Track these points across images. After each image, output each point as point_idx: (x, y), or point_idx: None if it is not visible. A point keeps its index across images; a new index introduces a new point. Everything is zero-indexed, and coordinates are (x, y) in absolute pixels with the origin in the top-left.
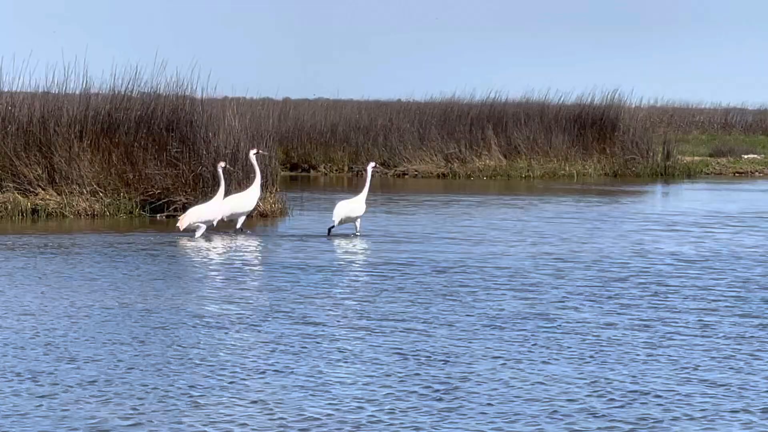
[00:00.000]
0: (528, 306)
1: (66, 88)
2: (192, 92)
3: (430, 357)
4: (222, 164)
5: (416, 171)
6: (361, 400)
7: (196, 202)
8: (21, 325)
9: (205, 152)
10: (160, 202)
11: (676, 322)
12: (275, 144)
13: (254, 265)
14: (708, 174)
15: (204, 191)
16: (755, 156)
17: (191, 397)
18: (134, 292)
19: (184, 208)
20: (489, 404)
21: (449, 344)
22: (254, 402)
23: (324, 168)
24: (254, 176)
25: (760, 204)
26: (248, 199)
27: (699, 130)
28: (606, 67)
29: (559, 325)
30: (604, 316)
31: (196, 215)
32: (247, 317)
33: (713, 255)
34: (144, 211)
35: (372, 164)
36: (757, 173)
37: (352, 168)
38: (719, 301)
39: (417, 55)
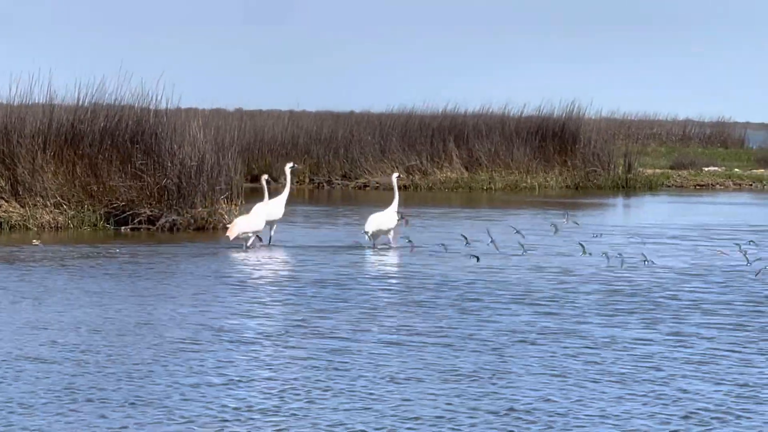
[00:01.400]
0: (554, 321)
1: (29, 99)
2: (157, 104)
3: (473, 376)
4: (265, 176)
5: (378, 183)
6: (417, 421)
7: (161, 214)
8: (54, 336)
9: (170, 164)
10: (125, 214)
11: (710, 338)
12: (237, 155)
13: (267, 280)
14: (669, 186)
15: (169, 203)
16: (716, 168)
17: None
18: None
19: (149, 221)
20: (550, 427)
21: (487, 362)
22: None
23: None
24: (284, 188)
25: (730, 216)
26: (278, 207)
27: (657, 143)
28: (563, 78)
29: (594, 342)
30: (633, 331)
31: (244, 225)
32: (278, 334)
33: (707, 268)
34: (108, 224)
35: (396, 174)
36: (718, 186)
37: (313, 180)
38: (743, 316)
39: (374, 66)
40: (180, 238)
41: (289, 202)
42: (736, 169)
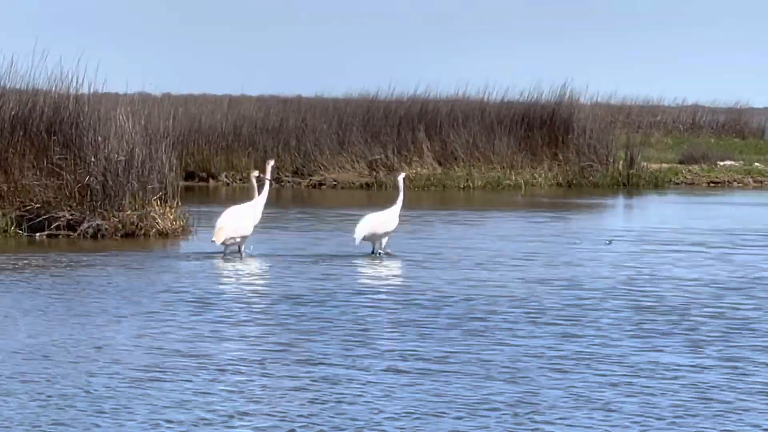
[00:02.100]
0: (578, 344)
1: None
2: (77, 87)
3: (503, 410)
4: (255, 173)
5: (335, 181)
6: None
7: (83, 218)
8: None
9: (93, 159)
10: (40, 218)
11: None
12: (172, 149)
13: (232, 295)
14: (678, 184)
15: (92, 205)
16: (732, 163)
17: None
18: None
19: (69, 226)
20: None
21: (515, 393)
22: None
23: (226, 177)
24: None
25: (755, 219)
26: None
27: (662, 132)
28: (553, 57)
29: (633, 369)
30: (676, 356)
31: (232, 229)
32: (257, 360)
33: (744, 281)
34: (20, 230)
35: (402, 174)
36: (735, 183)
37: (258, 177)
38: None
39: (334, 46)
40: (106, 246)
41: (233, 202)
42: (757, 164)
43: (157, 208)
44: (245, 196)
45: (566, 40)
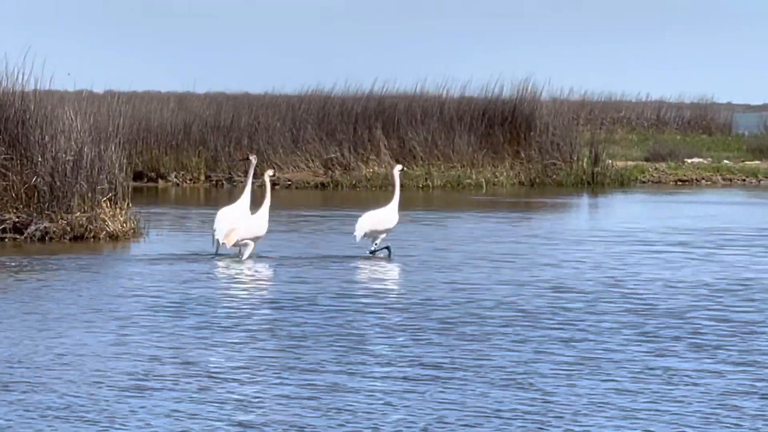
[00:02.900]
0: (583, 348)
1: None
2: (23, 84)
3: (524, 418)
4: (270, 172)
5: (289, 180)
6: None
7: (30, 221)
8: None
9: (40, 159)
10: None
11: None
12: (122, 148)
13: (210, 300)
14: (645, 182)
15: (40, 207)
16: (700, 160)
17: None
18: None
19: (15, 229)
20: None
21: (531, 401)
22: None
23: (175, 177)
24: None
25: (732, 218)
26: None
27: (626, 129)
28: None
29: (652, 375)
30: (692, 362)
31: (244, 231)
32: (251, 368)
33: (738, 282)
34: None
35: (399, 167)
36: (704, 181)
37: (209, 177)
38: None
39: (288, 42)
40: (55, 249)
41: (183, 204)
42: (726, 161)
43: (106, 209)
44: (195, 196)
45: (527, 33)
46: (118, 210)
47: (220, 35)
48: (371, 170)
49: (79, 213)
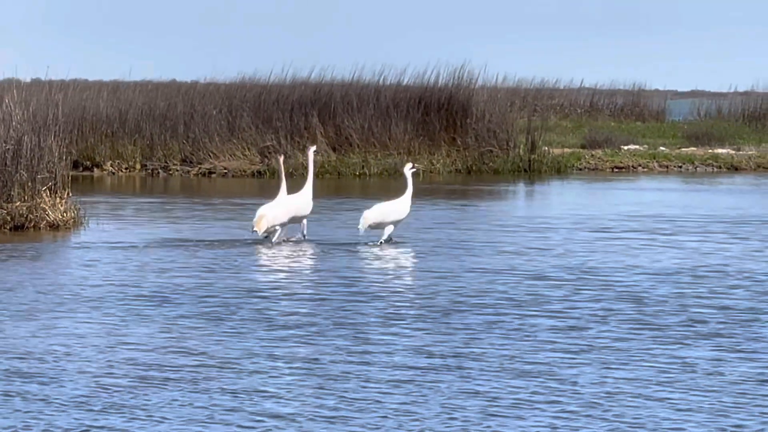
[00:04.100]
0: (595, 337)
1: None
2: None
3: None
4: (314, 148)
5: (225, 169)
6: None
7: None
8: None
9: None
10: None
11: None
12: (63, 137)
13: (182, 290)
14: (581, 169)
15: None
16: (637, 147)
17: None
18: None
19: None
20: None
21: (547, 389)
22: None
23: (111, 166)
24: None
25: (678, 204)
26: (306, 201)
27: (559, 115)
28: (449, 39)
29: (666, 364)
30: (698, 350)
31: (272, 217)
32: (258, 361)
33: (698, 267)
34: None
35: (409, 165)
36: (640, 168)
37: (145, 166)
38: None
39: (222, 28)
40: None
41: (119, 193)
42: (662, 148)
43: (47, 199)
44: (131, 185)
45: (463, 20)
46: (58, 199)
47: (155, 23)
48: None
49: (19, 202)
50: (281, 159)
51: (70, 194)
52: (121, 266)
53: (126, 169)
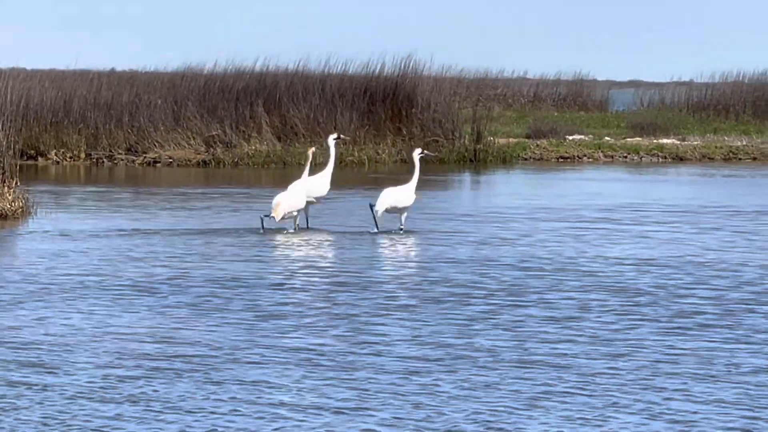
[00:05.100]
0: (594, 329)
1: None
2: None
3: (554, 398)
4: (334, 135)
5: (170, 158)
6: None
7: None
8: None
9: None
10: None
11: None
12: (11, 126)
13: (160, 279)
14: (527, 159)
15: None
16: (582, 137)
17: None
18: None
19: None
20: None
21: (561, 381)
22: None
23: (56, 155)
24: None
25: (628, 193)
26: (323, 184)
27: (503, 106)
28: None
29: (666, 354)
30: (699, 341)
31: (288, 204)
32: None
33: (672, 257)
34: None
35: (418, 151)
36: (585, 158)
37: (90, 155)
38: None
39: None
40: None
41: (64, 182)
42: (607, 138)
43: None
44: (76, 174)
45: (410, 9)
46: (6, 188)
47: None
48: (253, 148)
49: None
50: (311, 151)
51: (18, 183)
52: (84, 255)
53: (71, 158)
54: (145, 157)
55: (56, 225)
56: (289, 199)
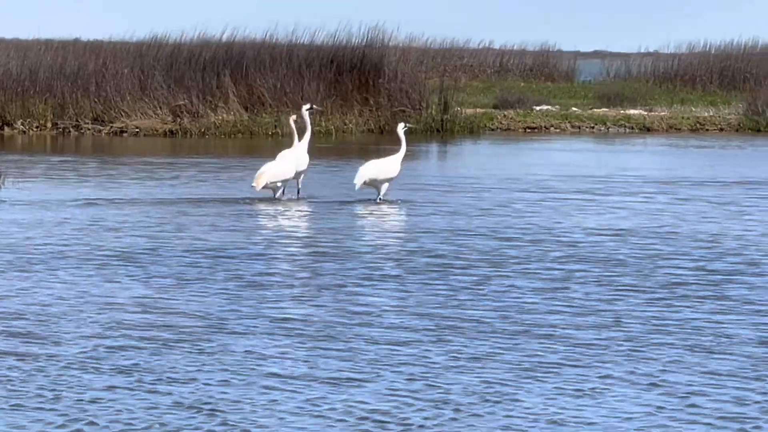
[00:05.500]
0: (579, 300)
1: None
2: None
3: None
4: (307, 106)
5: (137, 128)
6: None
7: None
8: None
9: None
10: None
11: None
12: None
13: (138, 250)
14: (494, 130)
15: None
16: (549, 107)
17: None
18: None
19: None
20: None
21: (556, 352)
22: None
23: (22, 125)
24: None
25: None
26: (303, 155)
27: (469, 76)
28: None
29: (660, 325)
30: (688, 311)
31: (274, 173)
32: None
33: (652, 227)
34: None
35: (402, 125)
36: (552, 128)
37: (57, 125)
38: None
39: None
40: None
41: (31, 152)
42: (574, 108)
43: None
44: (42, 144)
45: None
46: None
47: None
48: (220, 117)
49: None
50: (292, 119)
51: None
52: (60, 225)
53: (37, 127)
54: (111, 126)
55: (27, 195)
56: (274, 169)
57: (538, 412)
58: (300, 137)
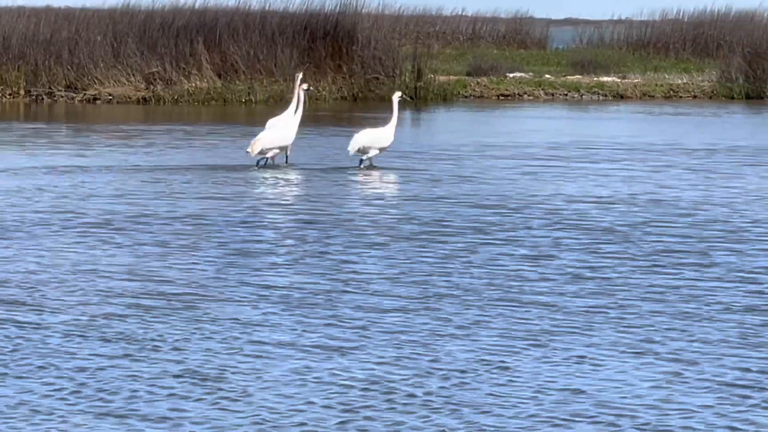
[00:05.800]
0: (569, 268)
1: None
2: None
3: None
4: (304, 86)
5: (110, 95)
6: None
7: None
8: None
9: None
10: None
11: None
12: None
13: (126, 216)
14: (467, 97)
15: None
16: (522, 75)
17: None
18: None
19: None
20: None
21: (551, 321)
22: None
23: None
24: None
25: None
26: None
27: (441, 43)
28: None
29: (656, 292)
30: (677, 278)
31: (268, 140)
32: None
33: (639, 194)
34: None
35: (398, 94)
36: (526, 95)
37: (30, 92)
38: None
39: None
40: None
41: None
42: (547, 76)
43: None
44: (15, 112)
45: None
46: None
47: None
48: (193, 85)
49: None
50: (304, 86)
51: None
52: (40, 193)
53: (10, 95)
54: (85, 94)
55: (2, 162)
56: (271, 136)
57: (527, 380)
58: (297, 108)
